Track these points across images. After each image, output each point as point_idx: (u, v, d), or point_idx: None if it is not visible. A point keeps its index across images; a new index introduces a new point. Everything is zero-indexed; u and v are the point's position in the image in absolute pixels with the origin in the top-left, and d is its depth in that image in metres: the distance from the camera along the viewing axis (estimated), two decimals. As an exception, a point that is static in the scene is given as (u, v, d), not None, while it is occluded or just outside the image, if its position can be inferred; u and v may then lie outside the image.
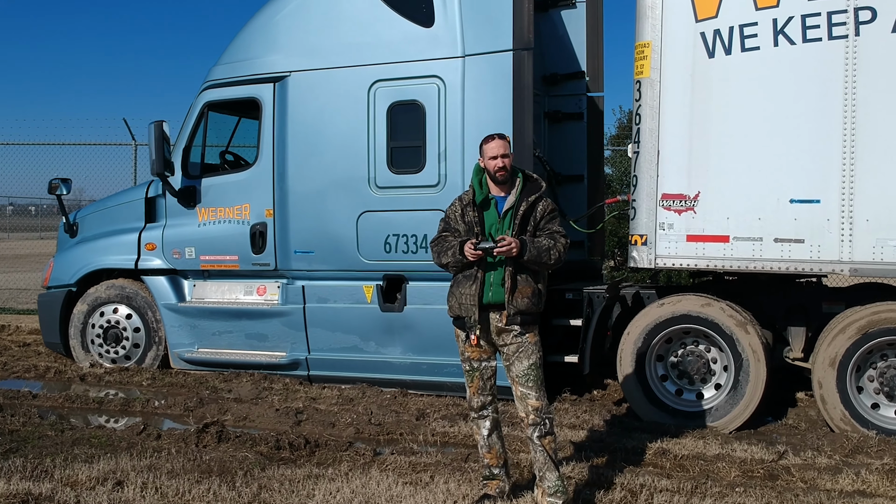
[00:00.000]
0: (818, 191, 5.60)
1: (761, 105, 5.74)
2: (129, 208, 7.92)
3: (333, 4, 7.02)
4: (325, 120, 7.00)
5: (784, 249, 5.69)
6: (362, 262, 6.87)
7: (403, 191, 6.74)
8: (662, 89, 5.95)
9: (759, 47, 5.73)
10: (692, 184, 5.89)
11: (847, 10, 5.53)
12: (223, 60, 7.53)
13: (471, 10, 6.54)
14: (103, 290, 7.84)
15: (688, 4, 5.89)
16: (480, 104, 6.54)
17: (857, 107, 5.52)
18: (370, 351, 6.94)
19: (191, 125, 7.60)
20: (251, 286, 7.44)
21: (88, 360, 7.80)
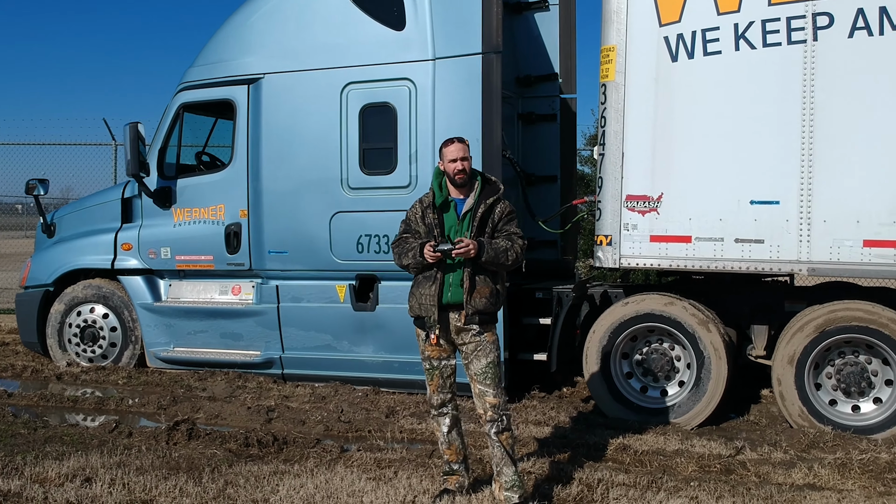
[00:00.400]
0: (777, 192, 5.73)
1: (723, 108, 5.87)
2: (105, 209, 7.98)
3: (306, 7, 7.10)
4: (298, 121, 7.09)
5: (745, 250, 5.82)
6: (335, 262, 6.97)
7: (375, 192, 6.83)
8: (627, 92, 6.07)
9: (720, 51, 5.86)
10: (655, 185, 6.02)
11: (805, 16, 5.66)
12: (198, 62, 7.61)
13: (441, 14, 6.64)
14: (80, 289, 7.91)
15: (652, 9, 6.01)
16: (451, 106, 6.64)
17: (815, 110, 5.65)
18: (343, 350, 7.04)
19: (166, 126, 7.67)
20: (226, 286, 7.52)
21: (65, 360, 7.87)
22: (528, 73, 8.11)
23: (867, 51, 5.54)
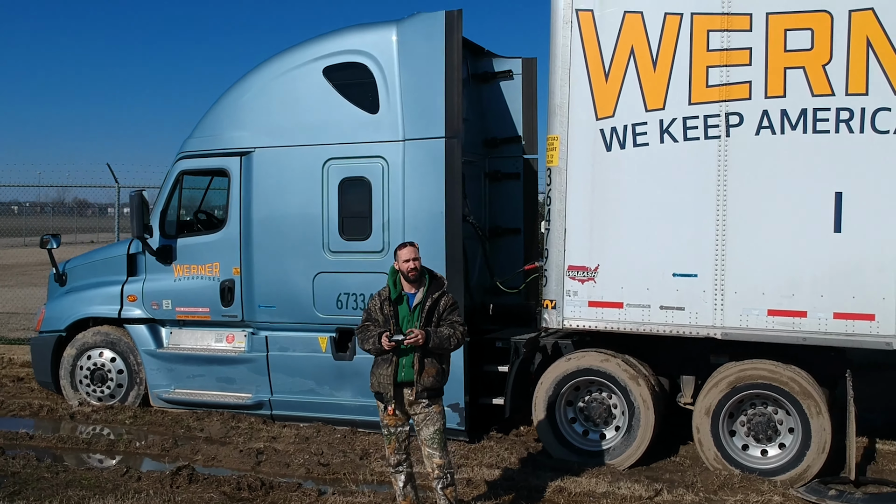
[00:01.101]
0: (696, 267, 6.65)
1: (650, 192, 6.78)
2: (112, 263, 8.89)
3: (291, 90, 8.01)
4: (285, 191, 8.00)
5: (668, 315, 6.74)
6: (318, 317, 7.88)
7: (353, 255, 7.75)
8: (569, 177, 6.99)
9: (648, 143, 6.77)
10: (593, 258, 6.93)
11: (720, 115, 6.58)
12: (196, 134, 8.52)
13: (410, 102, 7.55)
14: (90, 335, 8.82)
15: (590, 105, 6.93)
16: (419, 182, 7.55)
17: (727, 196, 6.57)
18: (325, 394, 7.95)
19: (167, 190, 8.58)
20: (221, 334, 8.43)
21: (77, 399, 8.78)
22: (495, 136, 9.05)
23: (770, 147, 6.46)
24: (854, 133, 6.27)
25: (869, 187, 6.24)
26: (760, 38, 6.47)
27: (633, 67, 6.79)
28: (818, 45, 6.35)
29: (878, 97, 6.22)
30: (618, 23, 6.83)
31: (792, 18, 6.40)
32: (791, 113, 6.41)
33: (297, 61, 8.01)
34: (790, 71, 6.41)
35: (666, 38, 6.70)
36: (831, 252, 6.32)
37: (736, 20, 6.53)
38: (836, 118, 6.31)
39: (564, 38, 6.97)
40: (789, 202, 6.42)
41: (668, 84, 6.69)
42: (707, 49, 6.60)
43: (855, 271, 6.27)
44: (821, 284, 6.35)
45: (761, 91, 6.47)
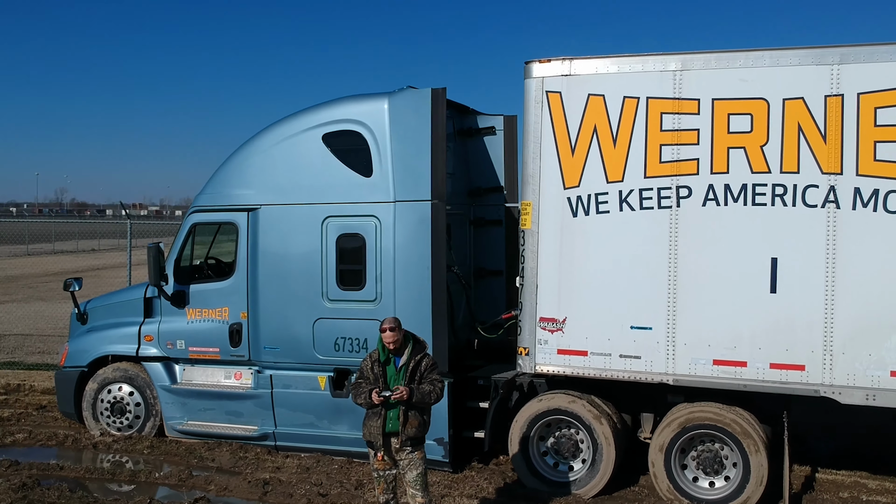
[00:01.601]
0: (651, 320, 7.54)
1: (611, 254, 7.68)
2: (130, 305, 9.77)
3: (294, 154, 8.90)
4: (288, 244, 8.89)
5: (627, 363, 7.63)
6: (317, 358, 8.77)
7: (349, 303, 8.63)
8: (540, 238, 7.89)
9: (609, 211, 7.67)
10: (561, 311, 7.83)
11: (671, 188, 7.48)
12: (206, 191, 9.41)
13: (400, 167, 8.44)
14: (110, 371, 9.70)
15: (558, 176, 7.82)
16: (407, 238, 8.43)
17: (678, 259, 7.46)
18: (323, 427, 8.84)
19: (181, 241, 9.47)
20: (230, 372, 9.31)
21: (98, 429, 9.65)
22: (479, 186, 9.95)
23: (716, 216, 7.36)
24: (788, 206, 7.17)
25: (800, 254, 7.14)
26: (707, 121, 7.37)
27: (596, 144, 7.70)
28: (756, 128, 7.25)
29: (807, 175, 7.12)
30: (583, 104, 7.73)
31: (734, 104, 7.31)
32: (733, 187, 7.31)
33: (299, 128, 8.90)
34: (733, 150, 7.32)
35: (625, 118, 7.60)
36: (768, 310, 7.21)
37: (686, 104, 7.43)
38: (773, 193, 7.21)
39: (536, 116, 7.88)
40: (732, 265, 7.32)
41: (627, 159, 7.60)
42: (660, 129, 7.51)
43: (788, 327, 7.17)
44: (759, 338, 7.25)
45: (707, 167, 7.37)
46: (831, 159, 7.06)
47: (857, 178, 7.00)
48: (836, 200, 7.04)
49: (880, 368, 6.96)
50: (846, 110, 7.01)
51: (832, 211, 7.06)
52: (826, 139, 7.06)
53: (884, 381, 6.95)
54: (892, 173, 6.90)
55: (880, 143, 6.94)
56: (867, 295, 6.96)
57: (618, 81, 7.64)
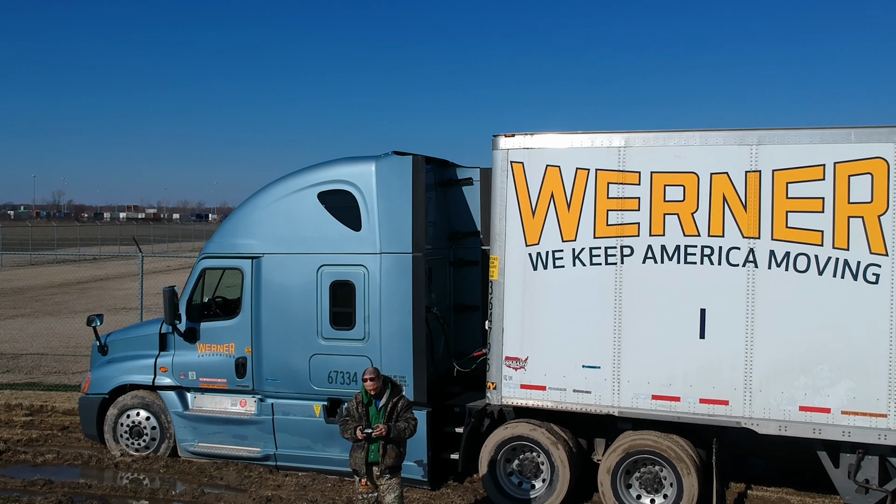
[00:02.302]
0: (599, 360, 8.77)
1: (565, 302, 8.90)
2: (147, 339, 10.98)
3: (292, 209, 10.12)
4: (287, 288, 10.11)
5: (579, 397, 8.86)
6: (313, 389, 9.98)
7: (340, 341, 9.85)
8: (506, 288, 9.11)
9: (563, 266, 8.90)
10: (524, 351, 9.06)
11: (616, 247, 8.71)
12: (215, 239, 10.63)
13: (386, 223, 9.67)
14: (129, 398, 10.91)
15: (521, 235, 9.05)
16: (392, 285, 9.65)
17: (622, 308, 8.69)
18: (318, 450, 10.05)
19: (192, 284, 10.68)
20: (236, 400, 10.52)
21: (118, 450, 10.87)
22: (458, 230, 11.16)
23: (654, 272, 8.59)
24: (714, 265, 8.41)
25: (725, 306, 8.37)
26: (646, 191, 8.61)
27: (553, 208, 8.93)
28: (688, 197, 8.49)
29: (730, 239, 8.36)
30: (542, 173, 8.97)
31: (669, 177, 8.55)
32: (668, 248, 8.55)
33: (297, 186, 10.13)
34: (668, 216, 8.55)
35: (577, 186, 8.84)
36: (697, 353, 8.45)
37: (629, 176, 8.67)
38: (701, 253, 8.45)
39: (502, 183, 9.11)
40: (667, 314, 8.55)
41: (579, 222, 8.83)
42: (607, 197, 8.75)
43: (714, 368, 8.41)
44: (690, 377, 8.48)
45: (647, 230, 8.61)
46: (751, 225, 8.30)
47: (772, 241, 8.24)
48: (755, 261, 8.28)
49: (791, 404, 8.20)
50: (763, 184, 8.26)
51: (751, 269, 8.30)
52: (746, 208, 8.30)
53: (793, 414, 8.19)
54: (801, 239, 8.14)
55: (791, 213, 8.19)
56: (780, 342, 8.20)
57: (571, 155, 8.88)
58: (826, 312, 8.09)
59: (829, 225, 8.07)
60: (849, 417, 8.04)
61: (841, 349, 8.04)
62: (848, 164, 8.02)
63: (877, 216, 7.93)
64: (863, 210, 7.97)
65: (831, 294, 8.05)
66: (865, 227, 7.96)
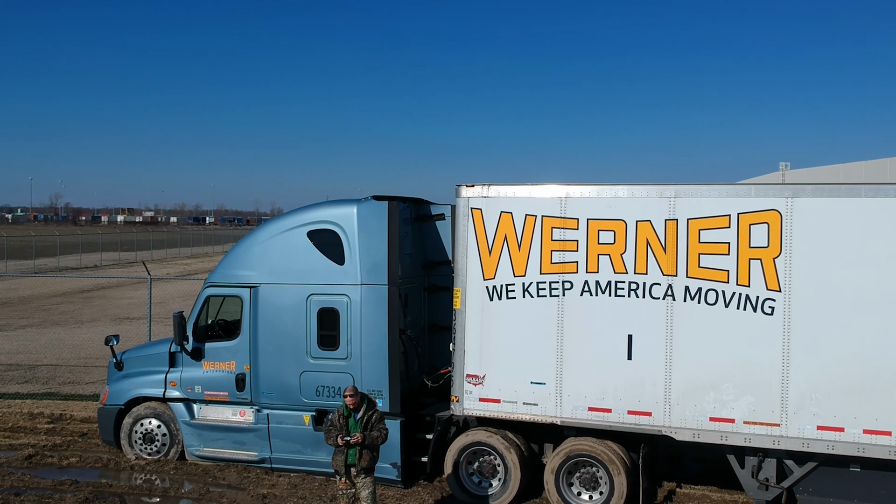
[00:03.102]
0: (544, 377, 10.34)
1: (517, 328, 10.48)
2: (158, 357, 12.55)
3: (285, 245, 11.69)
4: (280, 314, 11.67)
5: (528, 408, 10.44)
6: (302, 401, 11.55)
7: (327, 360, 11.42)
8: (466, 316, 10.69)
9: (515, 297, 10.48)
10: (482, 369, 10.63)
11: (559, 282, 10.30)
12: (218, 270, 12.20)
13: (365, 259, 11.25)
14: (142, 409, 12.47)
15: (479, 270, 10.63)
16: (371, 311, 11.23)
17: (563, 333, 10.27)
18: (307, 454, 11.62)
19: (198, 309, 12.25)
20: (236, 410, 12.09)
21: (133, 454, 12.42)
22: (432, 260, 12.74)
23: (589, 303, 10.17)
24: (639, 298, 9.99)
25: (648, 332, 9.95)
26: (583, 234, 10.20)
27: (506, 247, 10.52)
28: (617, 240, 10.08)
29: (652, 276, 9.95)
30: (497, 218, 10.55)
31: (602, 223, 10.14)
32: (601, 283, 10.13)
33: (289, 226, 11.71)
34: (601, 256, 10.14)
35: (526, 230, 10.43)
36: (626, 372, 10.03)
37: (569, 222, 10.26)
38: (629, 288, 10.04)
39: (464, 226, 10.70)
40: (600, 338, 10.13)
41: (528, 260, 10.42)
42: (551, 239, 10.33)
43: (640, 385, 9.99)
44: (619, 392, 10.06)
45: (584, 268, 10.20)
46: (669, 265, 9.89)
47: (686, 279, 9.83)
48: (673, 295, 9.87)
49: (702, 415, 9.79)
50: (679, 230, 9.85)
51: (670, 302, 9.89)
52: (665, 250, 9.90)
53: (704, 424, 9.78)
54: (709, 276, 9.73)
55: (702, 255, 9.78)
56: (693, 363, 9.79)
57: (522, 203, 10.47)
58: (731, 339, 9.68)
59: (733, 265, 9.66)
60: (750, 426, 9.63)
61: (743, 370, 9.63)
62: (749, 215, 9.62)
63: (772, 258, 9.53)
64: (761, 253, 9.57)
65: (735, 323, 9.65)
66: (763, 267, 9.56)
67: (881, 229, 9.13)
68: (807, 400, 9.39)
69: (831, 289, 9.29)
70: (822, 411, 9.35)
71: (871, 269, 9.14)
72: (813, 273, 9.36)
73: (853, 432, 9.25)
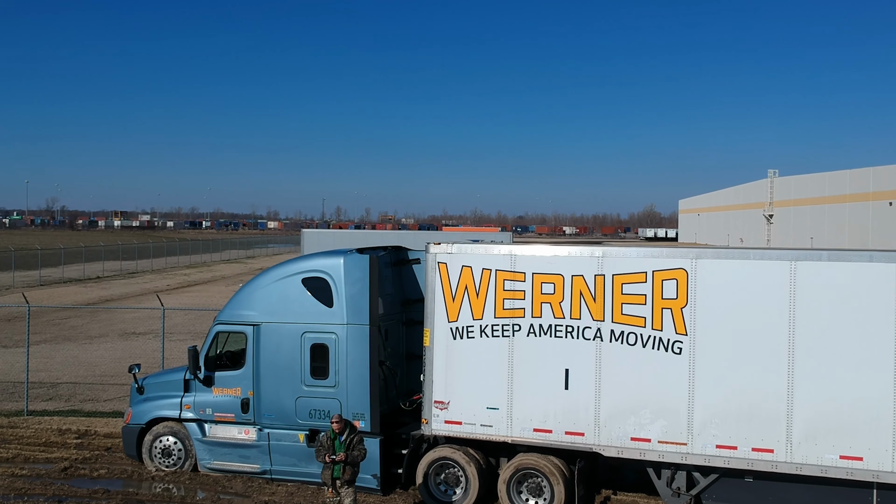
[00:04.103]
0: (498, 403, 12.51)
1: (475, 363, 12.64)
2: (174, 384, 14.69)
3: (283, 290, 13.84)
4: (279, 348, 13.82)
5: (485, 430, 12.60)
6: (297, 422, 13.70)
7: (318, 388, 13.57)
8: (434, 352, 12.86)
9: (473, 337, 12.65)
10: (447, 396, 12.80)
11: (509, 325, 12.47)
12: (226, 309, 14.35)
13: (350, 303, 13.41)
14: (161, 428, 14.61)
15: (444, 313, 12.80)
16: (355, 347, 13.38)
17: (513, 367, 12.44)
18: (302, 466, 13.77)
19: (209, 343, 14.40)
20: (241, 429, 14.23)
21: (153, 466, 14.56)
22: (409, 298, 14.91)
23: (534, 343, 12.34)
24: (574, 339, 12.16)
25: (581, 367, 12.12)
26: (529, 286, 12.37)
27: (467, 295, 12.68)
28: (557, 291, 12.26)
29: (585, 321, 12.12)
30: (459, 270, 12.72)
31: (545, 276, 12.31)
32: (544, 326, 12.30)
33: (287, 273, 13.87)
34: (544, 304, 12.31)
35: (483, 281, 12.60)
36: (563, 400, 12.20)
37: (518, 275, 12.43)
38: (566, 330, 12.21)
39: (433, 277, 12.86)
40: (543, 372, 12.30)
41: (484, 306, 12.58)
42: (503, 289, 12.50)
43: (574, 410, 12.16)
44: (559, 416, 12.23)
45: (530, 314, 12.36)
46: (598, 312, 12.06)
47: (612, 323, 12.01)
48: (601, 336, 12.04)
49: (625, 436, 11.97)
50: (606, 284, 12.02)
51: (599, 342, 12.06)
52: (595, 300, 12.07)
53: (627, 443, 11.96)
54: (630, 322, 11.91)
55: (624, 304, 11.95)
56: (616, 392, 11.96)
57: (479, 259, 12.64)
58: (648, 373, 11.85)
59: (649, 313, 11.84)
60: (663, 445, 11.81)
61: (657, 398, 11.81)
62: (662, 272, 11.80)
63: (680, 308, 11.71)
64: (671, 303, 11.75)
65: (651, 360, 11.82)
66: (673, 315, 11.74)
67: (763, 286, 11.32)
68: (708, 424, 11.58)
69: (726, 333, 11.48)
70: (720, 433, 11.53)
71: (755, 318, 11.34)
72: (712, 320, 11.55)
73: (744, 450, 11.44)
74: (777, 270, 11.31)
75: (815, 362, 11.11)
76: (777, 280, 11.29)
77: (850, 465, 10.98)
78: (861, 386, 10.92)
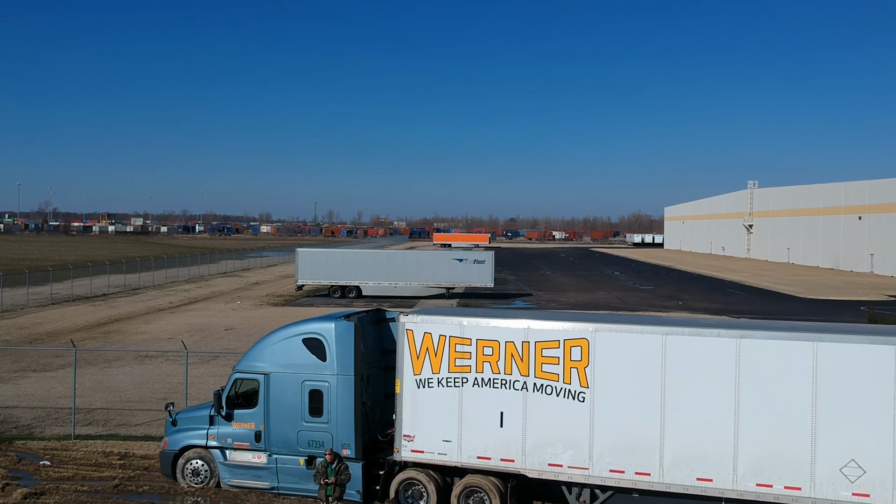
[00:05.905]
0: (451, 437, 16.57)
1: (434, 407, 16.67)
2: (202, 418, 18.72)
3: (287, 347, 17.91)
4: (284, 393, 17.83)
5: (441, 457, 16.66)
6: (299, 450, 17.73)
7: (314, 423, 17.61)
8: (403, 398, 16.92)
9: (433, 387, 16.72)
10: (413, 431, 16.85)
11: (460, 378, 16.54)
12: (243, 361, 18.40)
13: (339, 358, 17.46)
14: (191, 453, 18.63)
15: (411, 368, 16.86)
16: (343, 392, 17.42)
17: (462, 408, 16.49)
18: (302, 484, 17.78)
19: (229, 387, 18.45)
20: (255, 455, 18.24)
21: (185, 484, 18.57)
22: (387, 348, 19.00)
23: (478, 392, 16.40)
24: (507, 389, 16.24)
25: (512, 411, 16.19)
26: (474, 348, 16.45)
27: (428, 355, 16.75)
28: (495, 352, 16.34)
29: (515, 376, 16.20)
30: (422, 335, 16.79)
31: (486, 342, 16.39)
32: (486, 379, 16.38)
33: (290, 335, 17.93)
34: (485, 362, 16.39)
35: (440, 344, 16.67)
36: (499, 435, 16.28)
37: (465, 341, 16.51)
38: (502, 383, 16.29)
39: (402, 339, 16.94)
40: (484, 414, 16.36)
41: (441, 363, 16.65)
42: (455, 350, 16.58)
43: (507, 443, 16.24)
44: (495, 448, 16.30)
45: (474, 370, 16.44)
46: (525, 369, 16.15)
47: (534, 378, 16.09)
48: (527, 388, 16.13)
49: (544, 462, 16.06)
50: (531, 348, 16.10)
51: (525, 392, 16.15)
52: (522, 360, 16.16)
53: (545, 468, 16.05)
54: (548, 377, 15.99)
55: (543, 364, 16.04)
56: (537, 430, 16.04)
57: (437, 327, 16.71)
58: (560, 415, 15.94)
59: (561, 371, 15.94)
60: (572, 469, 15.92)
61: (567, 434, 15.90)
62: (570, 341, 15.90)
63: (584, 368, 15.82)
64: (577, 364, 15.85)
65: (562, 407, 15.91)
66: (578, 373, 15.84)
67: (643, 353, 15.43)
68: (604, 454, 15.68)
69: (617, 387, 15.59)
70: (613, 461, 15.64)
71: (637, 376, 15.46)
72: (607, 378, 15.65)
73: (630, 473, 15.55)
74: (653, 341, 15.42)
75: (680, 409, 15.23)
76: (653, 349, 15.40)
77: (704, 485, 15.10)
78: (711, 427, 15.04)
